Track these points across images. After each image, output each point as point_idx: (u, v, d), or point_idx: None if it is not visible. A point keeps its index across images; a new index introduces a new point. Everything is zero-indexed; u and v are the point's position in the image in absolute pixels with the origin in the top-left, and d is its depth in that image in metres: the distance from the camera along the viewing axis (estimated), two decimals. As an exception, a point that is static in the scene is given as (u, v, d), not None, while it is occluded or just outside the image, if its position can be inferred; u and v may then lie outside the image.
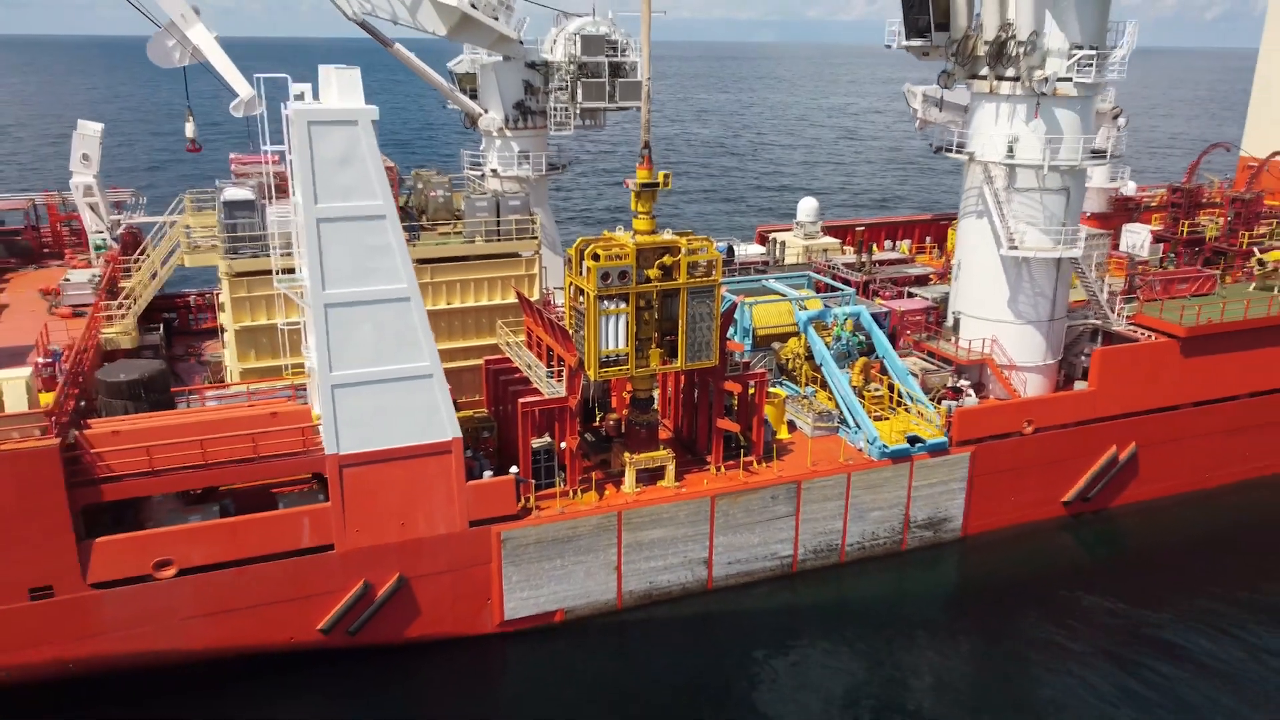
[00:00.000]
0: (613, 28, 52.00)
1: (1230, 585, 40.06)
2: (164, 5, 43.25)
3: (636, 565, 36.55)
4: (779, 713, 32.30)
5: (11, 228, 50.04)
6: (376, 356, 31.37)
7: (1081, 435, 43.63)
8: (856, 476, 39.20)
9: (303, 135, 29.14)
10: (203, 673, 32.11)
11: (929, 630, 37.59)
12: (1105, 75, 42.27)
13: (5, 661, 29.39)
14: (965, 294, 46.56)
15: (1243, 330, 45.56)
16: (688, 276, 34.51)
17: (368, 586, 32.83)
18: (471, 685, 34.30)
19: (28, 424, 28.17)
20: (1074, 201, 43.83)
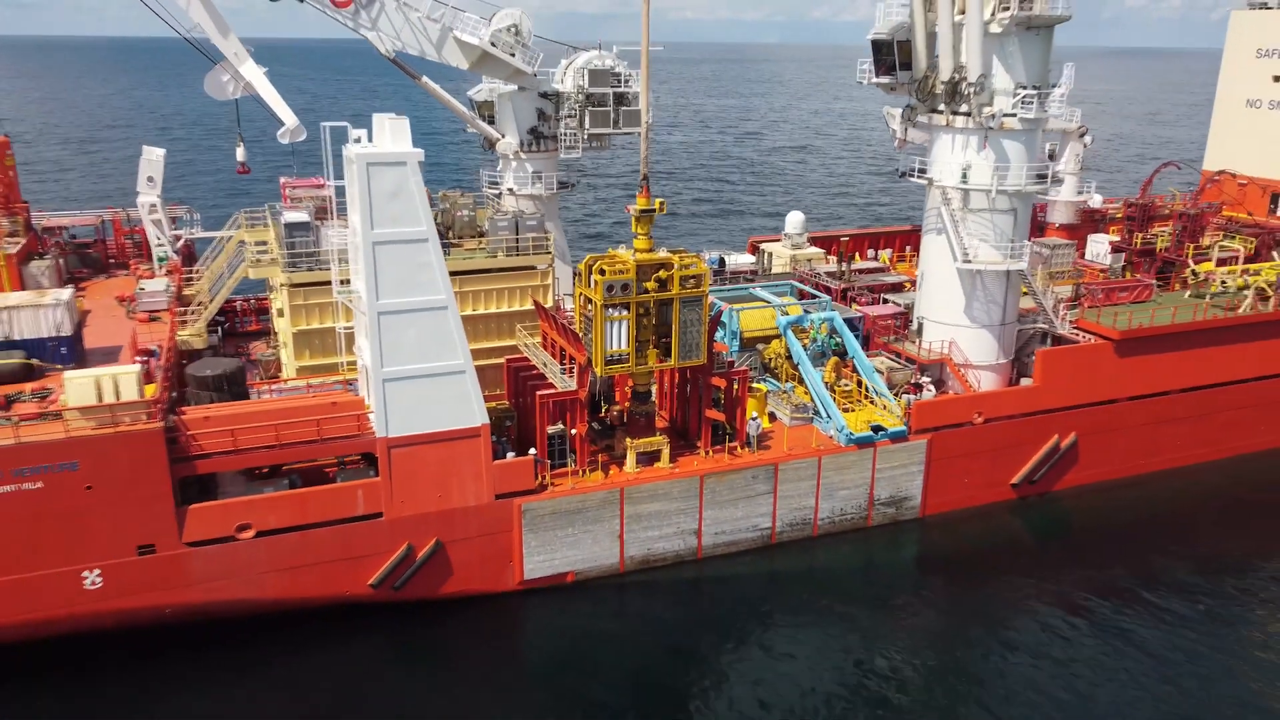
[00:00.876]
0: (616, 61, 58.05)
1: (1160, 561, 45.96)
2: (220, 45, 49.53)
3: (636, 534, 42.74)
4: (757, 668, 38.13)
5: (83, 240, 56.29)
6: (419, 355, 37.56)
7: (1027, 425, 49.76)
8: (827, 460, 45.33)
9: (362, 173, 35.34)
10: (272, 620, 38.31)
11: (892, 597, 43.59)
12: (1046, 111, 48.39)
13: (116, 606, 35.62)
14: (927, 301, 52.72)
15: (1172, 333, 51.64)
16: (680, 288, 40.68)
17: (410, 549, 39.05)
18: (495, 635, 40.43)
19: (137, 410, 34.38)
20: (1021, 220, 49.90)
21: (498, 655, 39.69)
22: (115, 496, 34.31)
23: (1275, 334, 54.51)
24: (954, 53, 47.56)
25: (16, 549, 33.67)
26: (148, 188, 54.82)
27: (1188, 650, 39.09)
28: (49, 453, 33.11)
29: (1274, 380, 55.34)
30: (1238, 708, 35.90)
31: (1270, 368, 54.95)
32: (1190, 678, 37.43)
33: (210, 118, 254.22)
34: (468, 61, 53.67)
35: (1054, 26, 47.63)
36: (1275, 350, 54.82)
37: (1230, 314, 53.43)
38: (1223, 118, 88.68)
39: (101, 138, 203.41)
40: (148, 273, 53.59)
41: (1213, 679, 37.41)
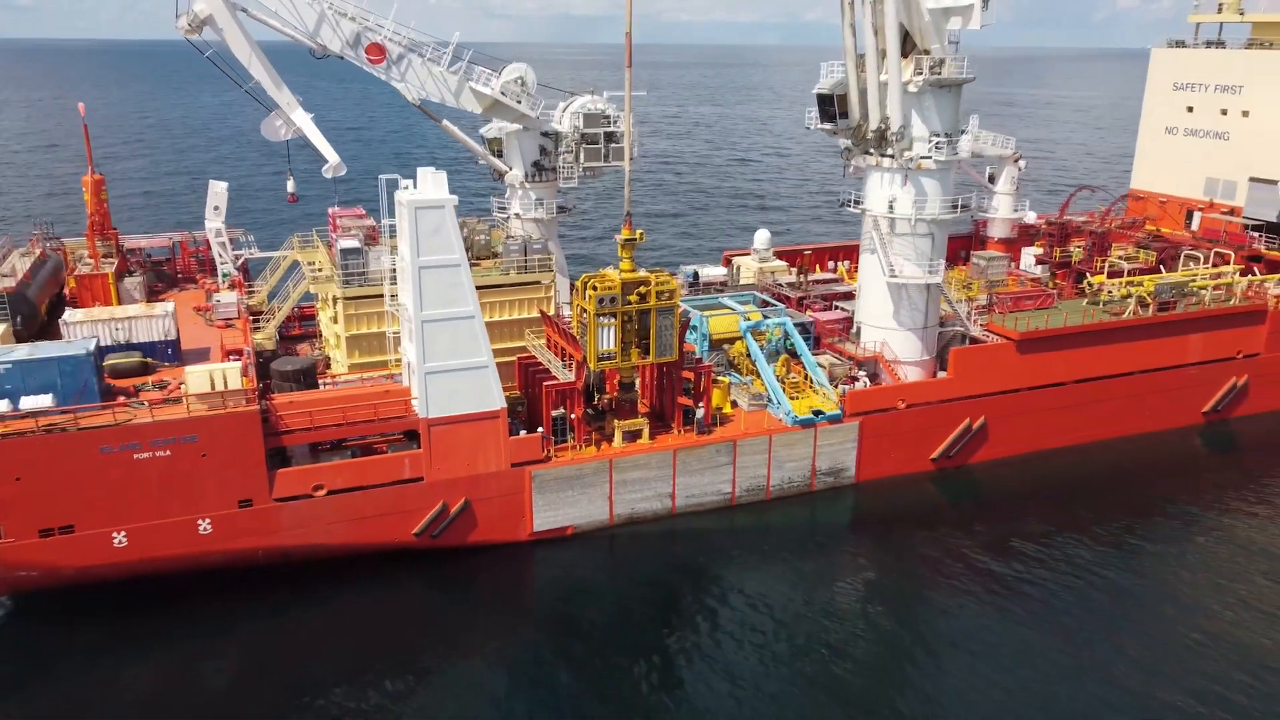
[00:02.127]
0: (606, 105, 68.74)
1: (1053, 520, 56.34)
2: (275, 96, 60.07)
3: (623, 496, 53.52)
4: (719, 602, 48.52)
5: (158, 259, 66.88)
6: (452, 354, 48.21)
7: (943, 411, 60.68)
8: (777, 438, 56.17)
9: (411, 214, 46.02)
10: (337, 562, 48.96)
11: (833, 549, 54.38)
12: (957, 154, 59.33)
13: (222, 548, 46.26)
14: (864, 309, 63.68)
15: (1064, 334, 62.63)
16: (656, 300, 51.44)
17: (444, 506, 49.73)
18: (511, 575, 51.12)
19: (239, 396, 45.02)
20: (938, 242, 60.80)
21: (513, 591, 50.44)
22: (223, 462, 44.96)
23: (1153, 335, 65.46)
24: (881, 106, 58.46)
25: (152, 501, 44.30)
26: (213, 215, 65.42)
27: (1071, 588, 49.67)
28: (176, 429, 43.75)
29: (1151, 374, 66.32)
30: (1111, 632, 46.33)
31: (1148, 363, 65.92)
32: (1070, 612, 47.88)
33: (216, 128, 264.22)
34: (481, 107, 64.27)
35: (961, 85, 58.55)
36: (1152, 349, 65.77)
37: (1115, 318, 64.50)
38: (1145, 143, 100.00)
39: (121, 154, 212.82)
40: (214, 286, 64.26)
41: (1091, 611, 47.63)
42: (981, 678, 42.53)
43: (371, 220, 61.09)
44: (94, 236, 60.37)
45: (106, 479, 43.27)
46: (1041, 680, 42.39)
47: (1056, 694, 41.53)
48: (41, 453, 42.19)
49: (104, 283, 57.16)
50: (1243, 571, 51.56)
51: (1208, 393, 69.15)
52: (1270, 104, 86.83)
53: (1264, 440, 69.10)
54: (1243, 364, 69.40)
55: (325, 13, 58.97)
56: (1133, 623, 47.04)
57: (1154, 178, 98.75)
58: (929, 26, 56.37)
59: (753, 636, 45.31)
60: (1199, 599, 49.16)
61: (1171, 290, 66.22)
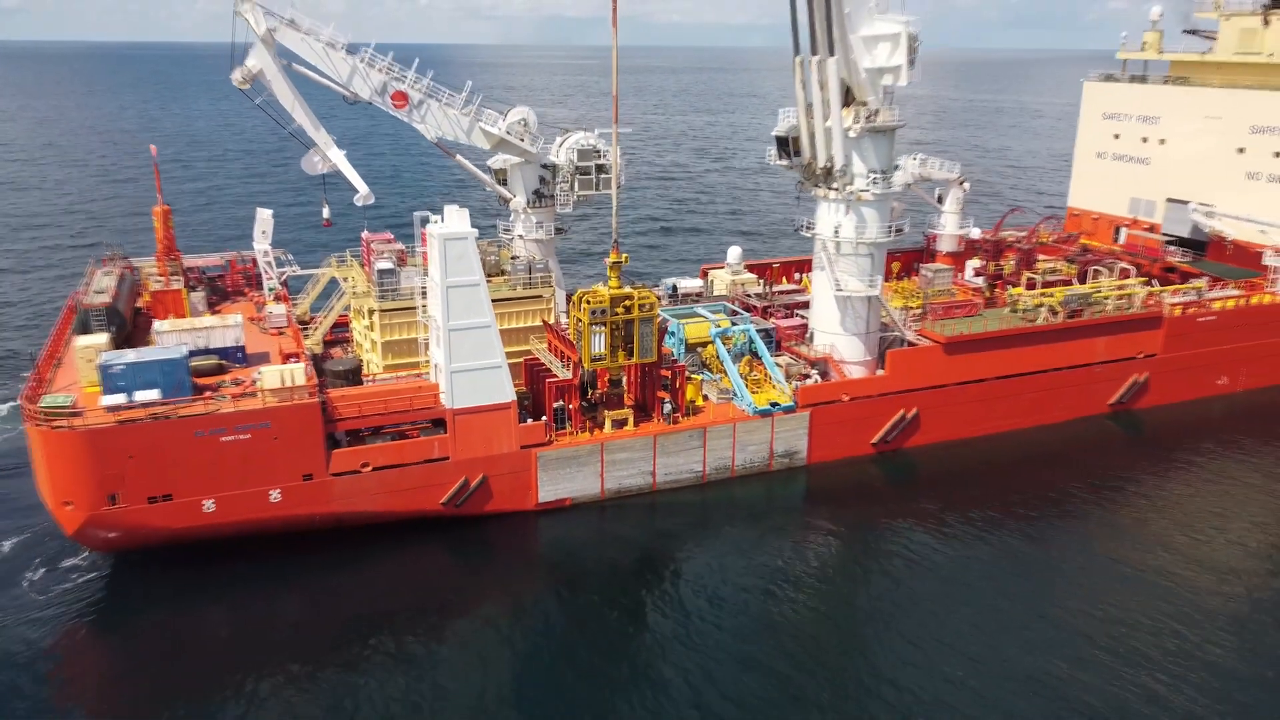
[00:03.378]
0: (598, 140, 79.76)
1: (981, 496, 67.61)
2: (314, 136, 71.03)
3: (612, 474, 64.65)
4: (692, 563, 59.52)
5: (213, 275, 77.70)
6: (473, 356, 59.21)
7: (881, 403, 71.99)
8: (740, 425, 67.38)
9: (440, 245, 57.05)
10: (379, 526, 59.93)
11: (789, 520, 65.40)
12: (891, 187, 70.59)
13: (287, 513, 57.17)
14: (816, 317, 75.01)
15: (985, 338, 74.02)
16: (639, 312, 62.59)
17: (466, 480, 60.76)
18: (519, 538, 62.13)
19: (303, 391, 55.99)
20: (877, 261, 72.06)
21: (521, 552, 61.44)
22: (290, 444, 55.95)
23: (1062, 339, 76.89)
24: (826, 148, 69.76)
25: (234, 475, 55.25)
26: (261, 238, 76.35)
27: (993, 550, 60.83)
28: (254, 417, 54.73)
29: (1063, 372, 77.75)
30: (1028, 585, 57.55)
31: (1060, 362, 77.31)
32: (992, 569, 59.22)
33: (222, 140, 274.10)
34: (489, 144, 75.37)
35: (894, 130, 69.85)
36: (1063, 350, 77.19)
37: (1028, 324, 75.94)
38: (1079, 165, 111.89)
39: (136, 172, 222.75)
40: (261, 299, 75.19)
41: (1010, 568, 58.81)
42: (912, 620, 53.69)
43: (400, 244, 72.18)
44: (164, 258, 71.20)
45: (199, 457, 54.21)
46: (966, 623, 53.60)
47: (978, 630, 52.84)
48: (149, 436, 53.15)
49: (176, 298, 68.12)
50: (1138, 534, 62.85)
51: (1112, 388, 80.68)
52: (1182, 134, 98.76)
53: (1162, 428, 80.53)
54: (1143, 363, 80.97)
55: (357, 66, 70.00)
56: (1046, 578, 58.05)
57: (1087, 196, 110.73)
58: (865, 83, 67.71)
59: (717, 589, 56.33)
60: (1101, 556, 60.37)
61: (1078, 300, 77.73)
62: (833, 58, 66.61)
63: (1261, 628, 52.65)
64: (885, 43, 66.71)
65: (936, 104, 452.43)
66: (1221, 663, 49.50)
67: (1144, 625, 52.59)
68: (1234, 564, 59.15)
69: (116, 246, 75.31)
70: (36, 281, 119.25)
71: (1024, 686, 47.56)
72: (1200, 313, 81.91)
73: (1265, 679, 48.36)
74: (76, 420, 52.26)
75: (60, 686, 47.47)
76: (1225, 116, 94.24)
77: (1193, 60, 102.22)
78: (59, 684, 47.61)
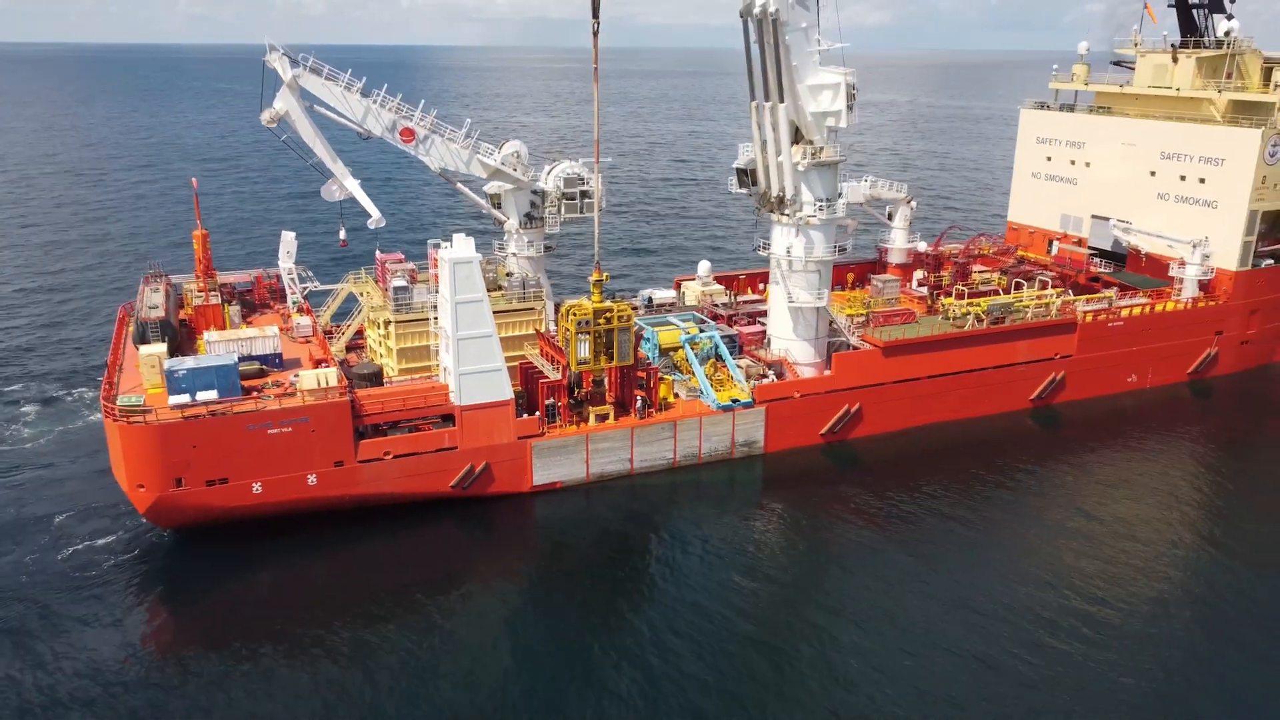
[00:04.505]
0: (582, 169, 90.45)
1: (917, 479, 78.63)
2: (331, 168, 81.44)
3: (596, 460, 75.51)
4: (664, 538, 70.42)
5: (243, 290, 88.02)
6: (477, 361, 69.91)
7: (828, 399, 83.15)
8: (706, 419, 78.38)
9: (449, 268, 67.75)
10: (398, 506, 70.53)
11: (748, 500, 76.38)
12: (836, 213, 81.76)
13: (322, 495, 67.66)
14: (772, 325, 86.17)
15: (919, 343, 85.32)
16: (618, 323, 73.47)
17: (471, 467, 71.44)
18: (517, 516, 72.86)
19: (336, 391, 66.57)
20: (825, 277, 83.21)
21: (518, 527, 72.15)
22: (325, 435, 66.51)
23: (986, 343, 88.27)
24: (779, 180, 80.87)
25: (278, 462, 65.73)
26: (285, 258, 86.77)
27: (929, 526, 71.98)
28: (295, 413, 65.27)
29: (988, 371, 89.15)
30: (959, 555, 68.77)
31: (985, 363, 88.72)
32: (928, 542, 70.64)
33: (214, 147, 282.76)
34: (486, 173, 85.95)
35: (836, 164, 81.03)
36: (988, 352, 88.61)
37: (957, 330, 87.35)
38: (1017, 184, 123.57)
39: (137, 184, 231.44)
40: (286, 311, 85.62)
41: (944, 541, 70.11)
42: (851, 582, 64.83)
43: (410, 264, 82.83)
44: (203, 276, 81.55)
45: (250, 447, 64.72)
46: (905, 589, 64.69)
47: (908, 591, 64.02)
48: (208, 429, 63.65)
49: (217, 311, 78.64)
50: (1057, 513, 74.23)
51: (1033, 385, 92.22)
52: (1104, 158, 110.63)
53: (1077, 420, 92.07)
54: (1060, 363, 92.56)
55: (370, 106, 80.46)
56: (977, 549, 69.12)
57: (1024, 212, 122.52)
58: (811, 125, 78.92)
59: (685, 560, 67.24)
60: (1024, 532, 71.62)
61: (1001, 308, 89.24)
62: (783, 103, 77.77)
63: (1163, 584, 63.96)
64: (828, 90, 77.93)
65: (914, 110, 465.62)
66: (1126, 621, 60.72)
67: (1058, 583, 63.72)
68: (1141, 535, 70.28)
69: (158, 264, 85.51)
70: (44, 290, 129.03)
71: (951, 634, 58.77)
72: (1110, 318, 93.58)
73: (1173, 635, 59.22)
74: (149, 416, 62.71)
75: (137, 636, 57.83)
76: (1139, 143, 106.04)
77: (1114, 91, 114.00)
78: (137, 634, 57.98)
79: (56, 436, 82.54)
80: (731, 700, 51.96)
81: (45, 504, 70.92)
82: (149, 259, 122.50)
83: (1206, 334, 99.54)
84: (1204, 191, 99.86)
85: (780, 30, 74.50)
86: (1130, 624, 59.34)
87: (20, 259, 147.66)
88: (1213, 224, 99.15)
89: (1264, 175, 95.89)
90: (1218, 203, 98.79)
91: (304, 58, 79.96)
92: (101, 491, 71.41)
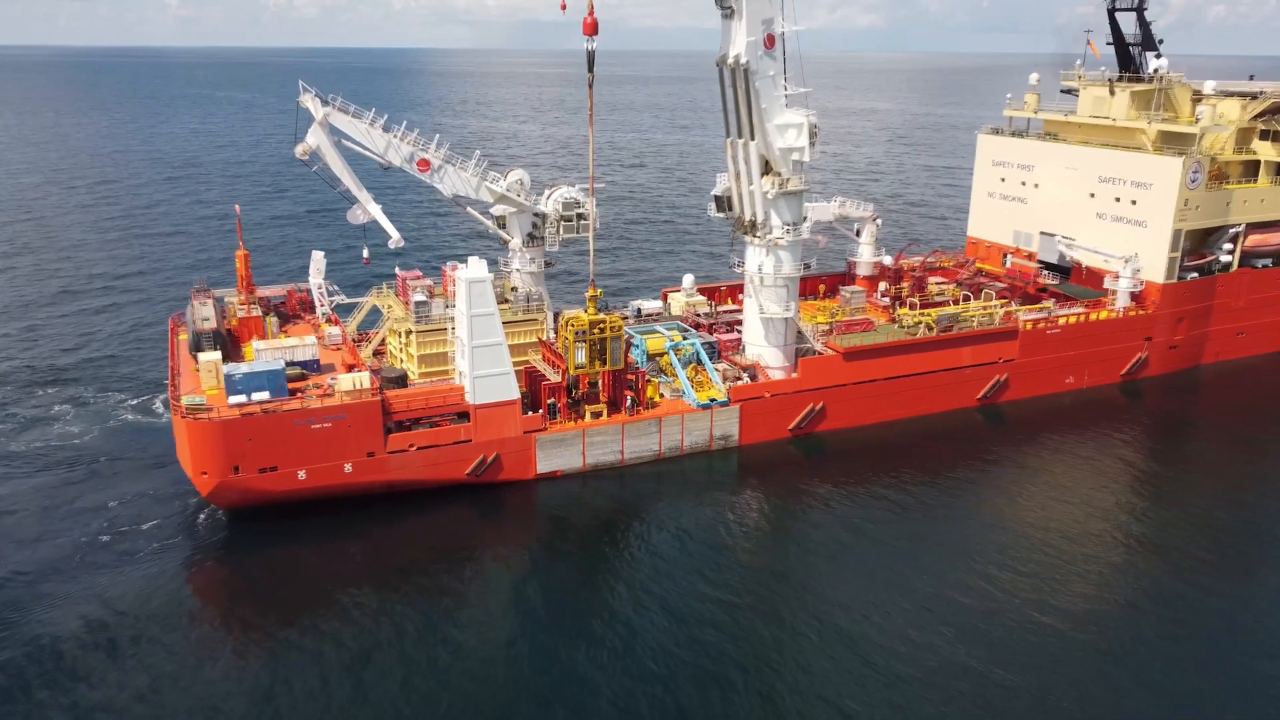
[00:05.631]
0: (578, 194, 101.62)
1: (875, 469, 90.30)
2: (357, 194, 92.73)
3: (591, 451, 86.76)
4: (650, 518, 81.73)
5: (278, 303, 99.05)
6: (489, 365, 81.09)
7: (795, 398, 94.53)
8: (687, 416, 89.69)
9: (465, 286, 78.95)
10: (421, 491, 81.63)
11: (725, 486, 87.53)
12: (801, 236, 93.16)
13: (356, 480, 78.73)
14: (747, 333, 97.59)
15: (876, 348, 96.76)
16: (610, 332, 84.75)
17: (484, 457, 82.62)
18: (521, 499, 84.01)
19: (369, 392, 77.71)
20: (792, 291, 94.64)
21: (524, 509, 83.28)
22: (359, 430, 77.61)
23: (936, 348, 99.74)
24: (751, 206, 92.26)
25: (320, 452, 76.69)
26: (315, 274, 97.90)
27: (885, 509, 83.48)
28: (334, 411, 76.38)
29: (939, 374, 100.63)
30: (909, 538, 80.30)
31: (934, 366, 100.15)
32: (884, 524, 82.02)
33: (211, 157, 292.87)
34: (493, 198, 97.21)
35: (801, 192, 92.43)
36: (938, 357, 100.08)
37: (910, 337, 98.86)
38: (975, 202, 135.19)
39: (142, 196, 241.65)
40: (317, 322, 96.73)
41: (898, 524, 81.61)
42: (816, 557, 76.25)
43: (428, 280, 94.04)
44: (244, 291, 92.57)
45: (295, 439, 75.79)
46: (851, 564, 76.15)
47: (867, 565, 75.43)
48: (261, 425, 74.72)
49: (259, 322, 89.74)
50: (995, 501, 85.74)
51: (979, 386, 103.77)
52: (1050, 180, 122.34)
53: (1019, 417, 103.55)
54: (1003, 366, 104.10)
55: (391, 140, 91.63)
56: (922, 531, 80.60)
57: (981, 228, 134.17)
58: (779, 159, 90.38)
59: (665, 537, 78.52)
60: (966, 518, 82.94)
61: (949, 318, 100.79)
62: (754, 140, 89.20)
63: (1099, 569, 75.33)
64: (793, 129, 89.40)
65: (894, 119, 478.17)
66: (1060, 598, 72.25)
67: (1002, 564, 74.92)
68: (1076, 520, 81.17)
69: (203, 279, 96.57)
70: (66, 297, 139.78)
71: (902, 605, 70.16)
72: (1049, 326, 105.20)
73: (1109, 612, 70.95)
74: (211, 414, 73.80)
75: (198, 601, 68.83)
76: (1080, 168, 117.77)
77: (1059, 120, 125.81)
78: (198, 600, 68.96)
79: (101, 433, 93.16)
80: (694, 644, 63.12)
81: (105, 491, 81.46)
82: (167, 271, 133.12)
83: (1137, 340, 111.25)
84: (1135, 212, 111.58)
85: (750, 78, 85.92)
86: (1078, 613, 70.87)
87: (41, 272, 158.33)
88: (1143, 241, 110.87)
89: (1186, 198, 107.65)
90: (1147, 222, 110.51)
91: (333, 98, 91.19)
92: (157, 479, 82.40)
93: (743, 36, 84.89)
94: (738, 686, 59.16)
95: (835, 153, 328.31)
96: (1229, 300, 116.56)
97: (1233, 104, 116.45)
